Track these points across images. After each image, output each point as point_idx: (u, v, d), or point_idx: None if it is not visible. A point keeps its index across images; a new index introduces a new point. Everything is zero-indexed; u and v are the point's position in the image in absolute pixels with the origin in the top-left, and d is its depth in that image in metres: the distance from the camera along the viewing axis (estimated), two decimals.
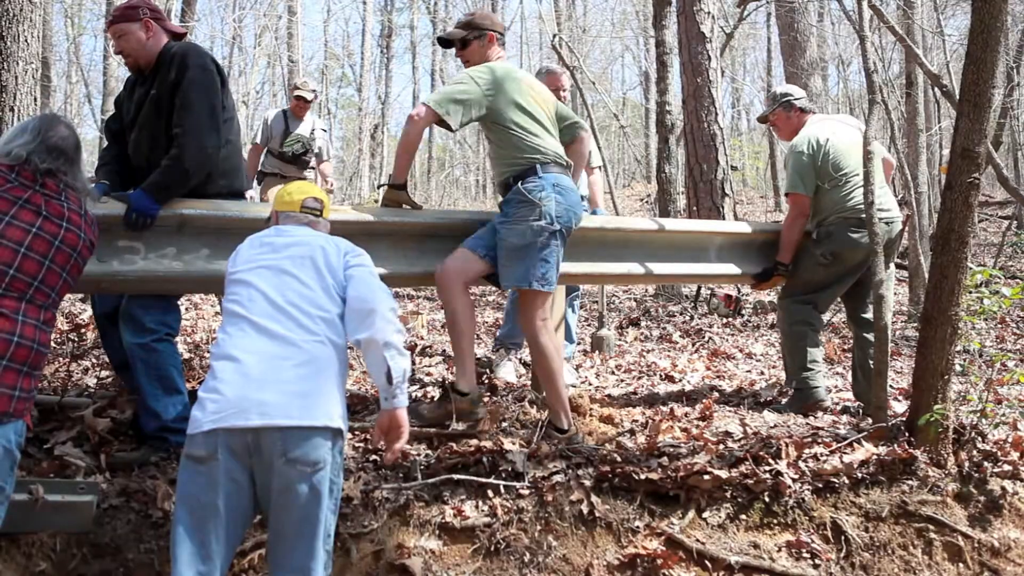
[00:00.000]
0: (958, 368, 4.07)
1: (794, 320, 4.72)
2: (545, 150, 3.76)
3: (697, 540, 3.31)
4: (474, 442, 3.56)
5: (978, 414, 3.97)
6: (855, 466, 3.60)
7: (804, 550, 3.39)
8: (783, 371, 5.74)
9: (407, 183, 3.85)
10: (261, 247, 2.71)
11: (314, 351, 2.48)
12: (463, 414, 3.70)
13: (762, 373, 5.73)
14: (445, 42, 4.08)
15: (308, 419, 2.36)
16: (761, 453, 3.60)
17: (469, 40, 3.99)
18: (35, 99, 4.93)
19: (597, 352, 6.12)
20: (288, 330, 2.49)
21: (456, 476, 3.29)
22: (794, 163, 4.76)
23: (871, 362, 4.54)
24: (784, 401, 4.71)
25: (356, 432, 3.66)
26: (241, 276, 2.63)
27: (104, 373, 4.50)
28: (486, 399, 4.04)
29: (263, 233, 2.82)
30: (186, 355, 4.90)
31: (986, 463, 3.75)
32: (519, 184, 3.70)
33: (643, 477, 3.40)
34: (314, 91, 6.90)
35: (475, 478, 3.30)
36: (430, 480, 3.26)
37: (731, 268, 4.82)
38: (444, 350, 5.76)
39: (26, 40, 4.82)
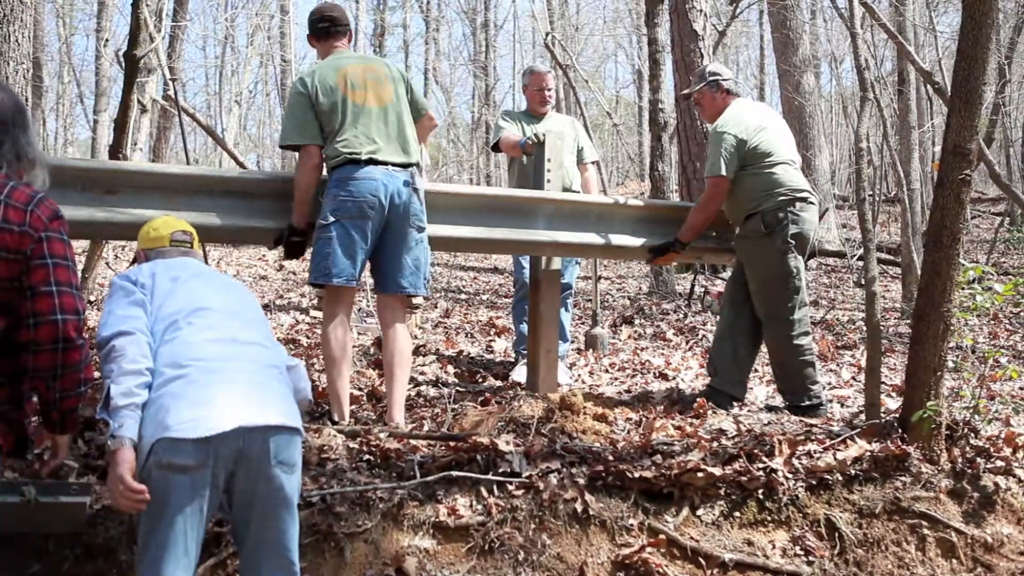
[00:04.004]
0: (951, 364, 4.09)
1: (798, 332, 4.49)
2: (341, 151, 3.84)
3: (691, 538, 3.31)
4: (470, 441, 3.56)
5: (971, 410, 3.98)
6: (848, 463, 3.61)
7: (798, 547, 3.39)
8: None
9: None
10: (175, 268, 2.65)
11: (275, 353, 2.55)
12: None
13: (756, 370, 5.74)
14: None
15: (295, 421, 2.38)
16: (755, 450, 3.60)
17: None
18: (27, 99, 4.90)
19: (591, 350, 6.12)
20: (250, 333, 2.51)
21: (451, 474, 3.29)
22: (719, 144, 4.54)
23: (744, 350, 4.63)
24: (784, 405, 4.67)
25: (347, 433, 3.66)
26: (170, 292, 2.52)
27: (97, 374, 4.48)
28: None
29: (163, 262, 2.71)
30: None
31: (979, 459, 3.76)
32: None
33: (637, 475, 3.40)
34: None
35: (469, 474, 3.30)
36: (424, 479, 3.26)
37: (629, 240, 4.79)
38: (438, 349, 5.76)
39: (17, 40, 4.79)
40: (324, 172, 3.95)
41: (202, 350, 2.37)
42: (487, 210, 4.46)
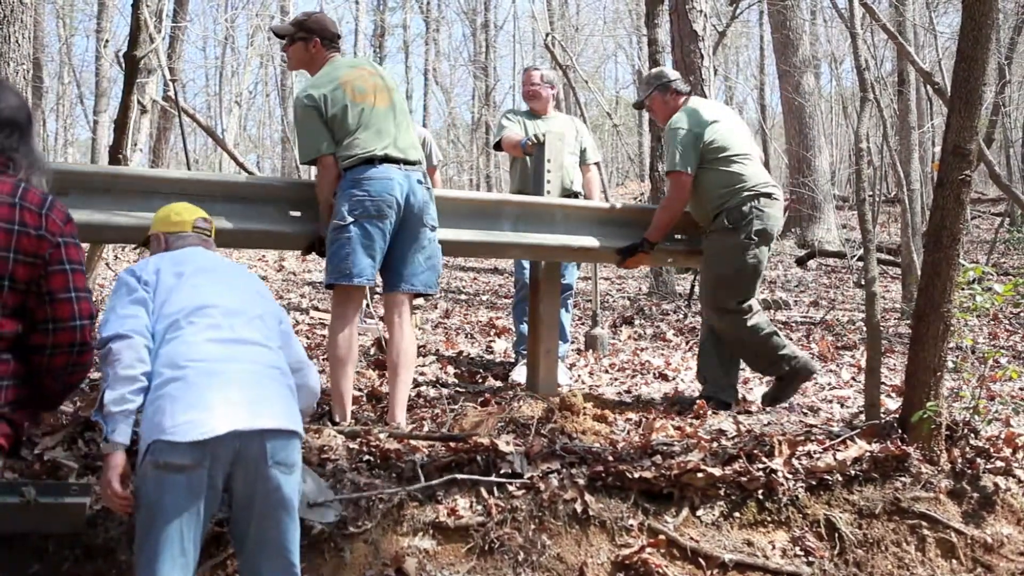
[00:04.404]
0: (951, 365, 4.09)
1: (750, 316, 4.48)
2: (355, 151, 3.84)
3: (691, 538, 3.31)
4: (470, 441, 3.56)
5: (971, 411, 3.98)
6: (848, 463, 3.61)
7: (798, 547, 3.39)
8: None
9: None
10: (182, 263, 2.60)
11: (277, 353, 2.53)
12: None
13: None
14: (277, 34, 4.23)
15: (293, 424, 2.38)
16: (755, 451, 3.60)
17: (295, 39, 4.08)
18: (27, 100, 4.91)
19: (591, 351, 6.12)
20: (252, 332, 2.49)
21: (450, 476, 3.29)
22: (675, 140, 4.52)
23: (729, 354, 4.59)
24: (769, 390, 4.64)
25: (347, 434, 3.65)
26: (174, 288, 2.49)
27: (96, 375, 4.49)
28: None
29: (169, 255, 2.66)
30: None
31: (979, 459, 3.76)
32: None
33: (637, 475, 3.40)
34: None
35: (470, 476, 3.29)
36: (425, 480, 3.25)
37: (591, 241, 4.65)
38: (438, 350, 5.77)
39: (17, 41, 4.79)
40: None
41: (201, 350, 2.36)
42: (453, 213, 4.38)
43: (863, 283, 6.13)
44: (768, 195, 4.51)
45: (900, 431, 3.81)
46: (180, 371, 2.31)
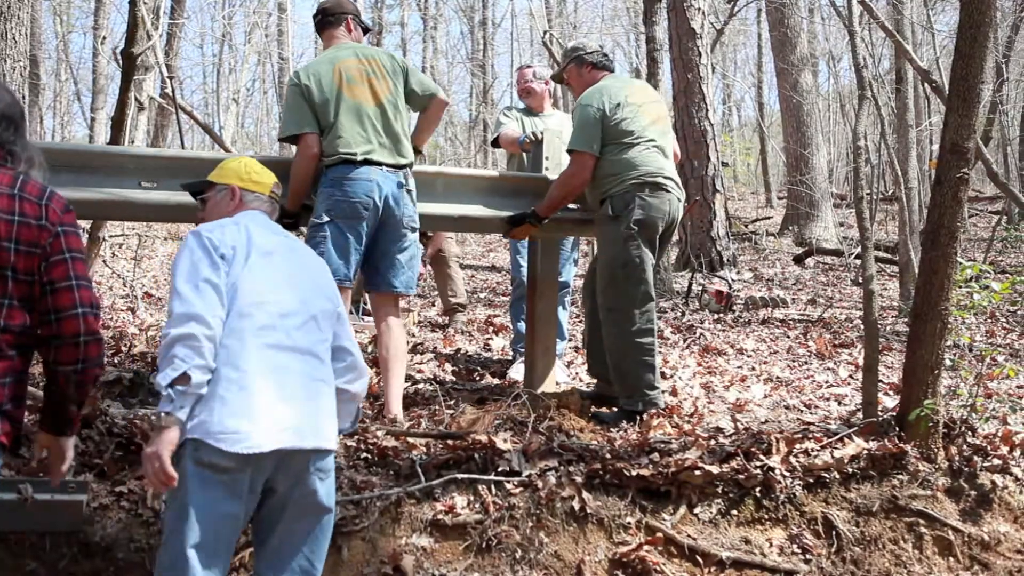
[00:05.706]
0: (948, 363, 4.09)
1: (637, 328, 4.22)
2: (337, 150, 3.84)
3: (688, 536, 3.31)
4: (468, 439, 3.55)
5: (968, 409, 3.98)
6: (846, 461, 3.61)
7: (795, 545, 3.40)
8: (772, 367, 5.77)
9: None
10: (248, 243, 2.44)
11: (326, 363, 2.48)
12: None
13: (753, 369, 5.74)
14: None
15: (331, 442, 2.39)
16: (752, 449, 3.60)
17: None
18: (23, 97, 4.90)
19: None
20: (304, 338, 2.41)
21: (447, 474, 3.29)
22: (580, 118, 4.33)
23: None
24: (614, 411, 4.35)
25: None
26: (241, 274, 2.37)
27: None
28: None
29: (244, 231, 2.46)
30: None
31: (976, 457, 3.77)
32: None
33: (634, 473, 3.40)
34: None
35: (468, 475, 3.29)
36: (423, 477, 3.25)
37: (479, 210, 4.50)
38: (435, 347, 5.76)
39: (14, 38, 4.79)
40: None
41: (257, 356, 2.30)
42: None
43: (861, 281, 6.14)
44: (656, 184, 4.25)
45: (898, 429, 3.82)
46: (235, 372, 2.26)
